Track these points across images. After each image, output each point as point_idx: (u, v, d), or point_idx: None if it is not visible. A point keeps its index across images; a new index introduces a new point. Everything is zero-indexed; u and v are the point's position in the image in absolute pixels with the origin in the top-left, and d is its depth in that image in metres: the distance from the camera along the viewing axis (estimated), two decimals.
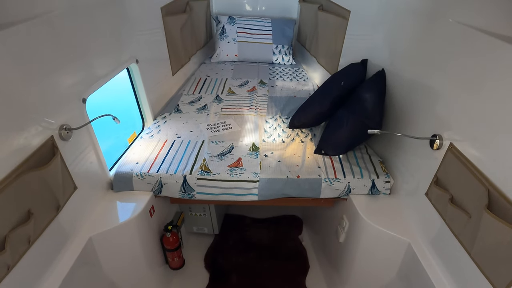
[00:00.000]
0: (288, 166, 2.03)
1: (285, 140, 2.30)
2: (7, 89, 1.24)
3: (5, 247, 1.21)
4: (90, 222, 1.77)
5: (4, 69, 1.23)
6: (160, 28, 2.61)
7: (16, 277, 1.30)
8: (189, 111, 2.63)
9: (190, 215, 2.61)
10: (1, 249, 1.20)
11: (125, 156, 2.12)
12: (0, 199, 1.20)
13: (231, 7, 3.91)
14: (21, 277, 1.33)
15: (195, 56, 3.46)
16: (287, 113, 2.61)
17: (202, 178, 1.94)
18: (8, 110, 1.25)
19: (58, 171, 1.49)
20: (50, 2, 1.47)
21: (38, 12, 1.39)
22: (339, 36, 2.70)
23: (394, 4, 2.02)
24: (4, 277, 1.24)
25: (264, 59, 3.63)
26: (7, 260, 1.23)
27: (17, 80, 1.29)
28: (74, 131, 1.63)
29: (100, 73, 1.86)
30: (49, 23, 1.45)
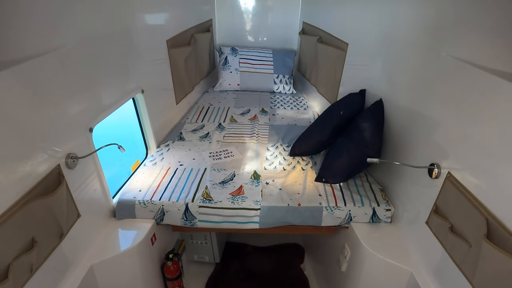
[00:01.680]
0: (289, 194, 2.05)
1: (286, 168, 2.33)
2: (17, 119, 1.29)
3: (8, 275, 1.22)
4: (92, 250, 1.77)
5: (15, 99, 1.28)
6: (165, 59, 2.71)
7: None
8: (192, 139, 2.68)
9: (191, 243, 2.60)
10: (3, 277, 1.21)
11: (128, 183, 2.15)
12: (6, 228, 1.22)
13: (234, 39, 4.07)
14: None
15: (199, 85, 3.56)
16: (288, 141, 2.66)
17: (204, 206, 1.96)
18: (18, 139, 1.30)
19: (63, 199, 1.52)
20: (64, 37, 1.55)
21: (52, 47, 1.47)
22: (338, 67, 2.79)
23: (390, 37, 2.11)
24: None
25: (266, 88, 3.73)
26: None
27: (27, 110, 1.34)
28: (80, 160, 1.67)
29: (107, 103, 1.92)
30: (61, 57, 1.53)
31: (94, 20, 1.77)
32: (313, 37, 3.33)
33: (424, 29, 1.76)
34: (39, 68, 1.40)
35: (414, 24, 1.85)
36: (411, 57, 1.86)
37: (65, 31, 1.56)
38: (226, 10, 4.02)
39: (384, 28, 2.18)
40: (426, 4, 1.77)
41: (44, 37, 1.45)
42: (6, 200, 1.24)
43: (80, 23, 1.65)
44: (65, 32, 1.56)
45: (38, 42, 1.42)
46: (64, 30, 1.56)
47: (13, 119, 1.28)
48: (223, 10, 4.01)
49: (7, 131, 1.25)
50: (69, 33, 1.58)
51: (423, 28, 1.77)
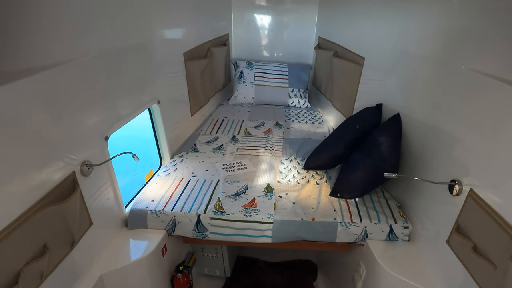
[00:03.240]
0: (303, 208, 2.00)
1: (300, 181, 2.29)
2: (35, 126, 1.31)
3: (18, 281, 1.21)
4: (102, 259, 1.76)
5: (34, 108, 1.30)
6: (181, 71, 2.75)
7: None
8: (206, 151, 2.68)
9: (202, 255, 2.56)
10: (13, 283, 1.20)
11: (141, 193, 2.15)
12: (18, 233, 1.22)
13: (250, 53, 4.12)
14: None
15: (214, 98, 3.59)
16: (302, 155, 2.63)
17: (216, 218, 1.93)
18: (35, 146, 1.32)
19: (77, 206, 1.52)
20: (84, 48, 1.59)
21: (72, 57, 1.51)
22: (354, 81, 2.77)
23: (406, 50, 2.08)
24: None
25: (280, 101, 3.72)
26: None
27: (45, 117, 1.36)
28: (94, 168, 1.68)
29: (123, 113, 1.94)
30: (80, 67, 1.56)
31: (113, 33, 1.81)
32: (329, 51, 3.33)
33: (442, 42, 1.73)
34: (58, 77, 1.43)
35: (431, 37, 1.83)
36: (429, 71, 1.83)
37: (85, 43, 1.60)
38: (242, 25, 4.08)
39: (400, 41, 2.16)
40: (443, 17, 1.75)
41: (65, 47, 1.49)
42: (20, 206, 1.24)
43: (100, 36, 1.69)
44: (85, 44, 1.60)
45: (58, 51, 1.46)
46: (85, 41, 1.60)
47: (31, 126, 1.30)
48: (239, 25, 4.07)
49: (25, 138, 1.27)
50: (89, 44, 1.62)
51: (441, 41, 1.74)
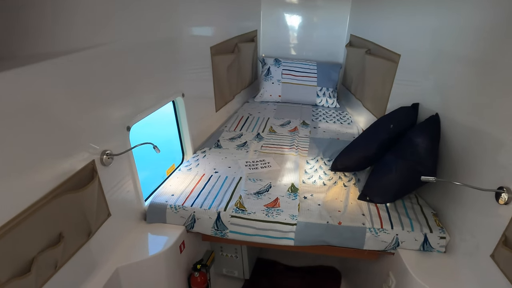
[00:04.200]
0: (329, 211, 1.88)
1: (326, 183, 2.16)
2: (57, 113, 1.29)
3: (31, 269, 1.18)
4: (119, 252, 1.72)
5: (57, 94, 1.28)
6: (208, 66, 2.70)
7: None
8: (229, 147, 2.61)
9: (220, 255, 2.49)
10: (26, 271, 1.17)
11: (162, 187, 2.10)
12: (34, 220, 1.19)
13: (278, 51, 4.03)
14: None
15: (239, 95, 3.52)
16: (330, 155, 2.50)
17: (237, 216, 1.85)
18: (55, 133, 1.29)
19: (94, 195, 1.48)
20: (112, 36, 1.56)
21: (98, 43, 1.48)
22: (387, 80, 2.61)
23: (448, 48, 1.92)
24: None
25: (308, 101, 3.60)
26: (31, 284, 1.19)
27: (68, 104, 1.34)
28: (115, 158, 1.64)
29: (147, 104, 1.91)
30: (106, 55, 1.53)
31: (142, 26, 1.80)
32: (361, 49, 3.18)
33: (486, 38, 1.56)
34: (83, 62, 1.40)
35: (474, 33, 1.66)
36: (471, 70, 1.66)
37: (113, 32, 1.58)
38: (271, 22, 4.00)
39: (439, 37, 2.00)
40: (488, 11, 1.58)
41: (91, 34, 1.46)
42: (36, 192, 1.21)
43: (128, 27, 1.68)
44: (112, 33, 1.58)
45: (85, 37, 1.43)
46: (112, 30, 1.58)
47: (52, 112, 1.27)
48: (268, 22, 3.99)
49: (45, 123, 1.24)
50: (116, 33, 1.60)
51: (485, 37, 1.57)
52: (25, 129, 1.16)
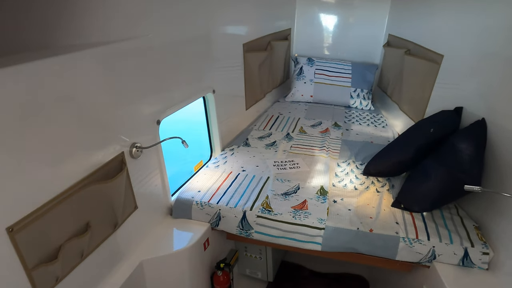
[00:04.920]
0: (360, 216, 1.78)
1: (358, 187, 2.06)
2: (91, 103, 1.30)
3: (58, 257, 1.19)
4: (144, 245, 1.72)
5: (91, 84, 1.29)
6: (239, 64, 2.67)
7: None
8: (258, 146, 2.57)
9: (245, 255, 2.45)
10: (53, 258, 1.18)
11: (189, 183, 2.09)
12: (62, 208, 1.20)
13: (311, 50, 3.93)
14: None
15: (270, 94, 3.47)
16: (362, 159, 2.39)
17: (263, 217, 1.80)
18: (87, 124, 1.30)
19: (122, 187, 1.48)
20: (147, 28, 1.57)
21: (135, 35, 1.49)
22: (428, 82, 2.46)
23: (496, 50, 1.76)
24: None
25: (341, 102, 3.49)
26: (57, 270, 1.21)
27: (100, 95, 1.35)
28: (144, 151, 1.65)
29: (177, 99, 1.91)
30: (142, 48, 1.54)
31: (177, 23, 1.81)
32: (400, 49, 3.03)
33: None
34: (119, 55, 1.41)
35: None
36: None
37: (149, 26, 1.60)
38: (306, 21, 3.91)
39: (487, 36, 1.84)
40: None
41: (129, 26, 1.48)
42: (66, 181, 1.23)
43: (164, 24, 1.70)
44: (149, 27, 1.60)
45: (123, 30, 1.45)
46: (149, 24, 1.60)
47: (86, 102, 1.28)
48: (303, 21, 3.91)
49: (78, 114, 1.26)
50: (153, 28, 1.62)
51: None
52: (61, 118, 1.18)
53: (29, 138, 1.08)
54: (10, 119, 1.01)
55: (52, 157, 1.17)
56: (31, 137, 1.08)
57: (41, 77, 1.09)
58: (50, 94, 1.13)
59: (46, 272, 1.17)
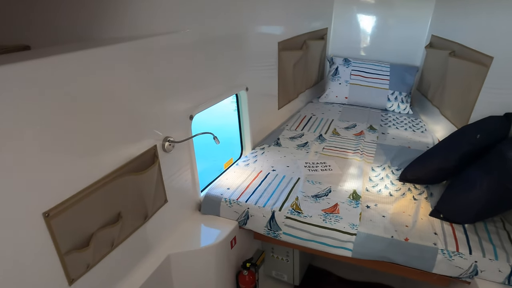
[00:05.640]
0: (394, 224, 1.69)
1: (393, 193, 1.96)
2: (126, 96, 1.32)
3: (90, 244, 1.21)
4: (172, 239, 1.73)
5: (124, 74, 1.31)
6: (273, 63, 2.64)
7: (91, 279, 1.28)
8: (289, 146, 2.52)
9: (271, 256, 2.41)
10: (85, 245, 1.20)
11: (218, 180, 2.09)
12: (96, 197, 1.22)
13: (348, 50, 3.82)
14: (96, 281, 1.32)
15: (303, 94, 3.41)
16: (398, 164, 2.28)
17: (292, 218, 1.75)
18: (123, 117, 1.33)
19: (154, 180, 1.50)
20: (181, 22, 1.58)
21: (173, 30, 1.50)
22: (474, 86, 2.30)
23: None
24: (82, 275, 1.23)
25: (377, 104, 3.36)
26: (88, 258, 1.23)
27: (136, 88, 1.37)
28: (176, 146, 1.66)
29: (211, 95, 1.91)
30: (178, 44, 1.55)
31: (213, 21, 1.82)
32: (444, 51, 2.87)
33: None
34: (156, 50, 1.43)
35: None
36: None
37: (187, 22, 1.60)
38: (343, 20, 3.81)
39: None
40: None
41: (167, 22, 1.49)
42: (100, 171, 1.25)
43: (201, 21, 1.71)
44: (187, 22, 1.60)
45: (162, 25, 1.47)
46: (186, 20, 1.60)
47: (121, 94, 1.30)
48: (340, 20, 3.81)
49: (117, 109, 1.28)
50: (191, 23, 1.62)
51: None
52: (99, 110, 1.21)
53: (69, 128, 1.11)
54: (55, 108, 1.05)
55: (89, 147, 1.19)
56: (72, 127, 1.11)
57: (84, 67, 1.12)
58: (90, 85, 1.16)
59: (78, 258, 1.19)
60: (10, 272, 1.00)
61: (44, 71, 1.01)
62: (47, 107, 1.03)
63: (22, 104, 0.96)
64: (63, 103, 1.07)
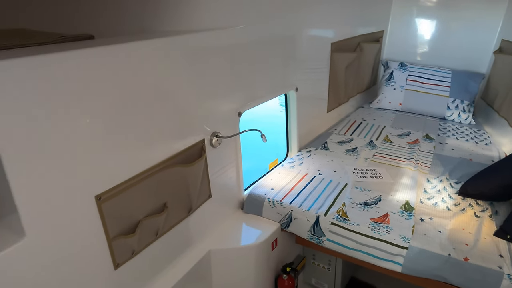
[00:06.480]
0: (452, 241, 1.54)
1: (451, 208, 1.80)
2: (174, 90, 1.35)
3: (136, 231, 1.24)
4: (214, 235, 1.72)
5: (175, 66, 1.32)
6: (325, 65, 2.57)
7: (135, 266, 1.31)
8: (337, 151, 2.43)
9: (312, 263, 2.32)
10: (131, 232, 1.23)
11: (263, 179, 2.06)
12: (145, 184, 1.25)
13: (404, 55, 3.62)
14: (140, 268, 1.34)
15: (354, 98, 3.28)
16: (458, 177, 2.09)
17: (337, 224, 1.67)
18: (174, 111, 1.35)
19: (200, 173, 1.50)
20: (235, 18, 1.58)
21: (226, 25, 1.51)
22: None
23: None
24: (126, 261, 1.26)
25: (435, 112, 3.13)
26: (134, 244, 1.25)
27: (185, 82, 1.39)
28: (223, 142, 1.65)
29: (260, 93, 1.90)
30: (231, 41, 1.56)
31: (266, 21, 1.82)
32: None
33: None
34: (209, 45, 1.44)
35: None
36: None
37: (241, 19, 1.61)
38: (401, 23, 3.62)
39: None
40: None
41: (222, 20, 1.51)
42: (150, 161, 1.27)
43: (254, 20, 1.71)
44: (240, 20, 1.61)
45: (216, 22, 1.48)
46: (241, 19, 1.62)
47: (174, 88, 1.32)
48: (398, 22, 3.62)
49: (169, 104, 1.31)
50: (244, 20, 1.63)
51: None
52: (152, 103, 1.24)
53: (124, 119, 1.14)
54: (115, 98, 1.08)
55: (142, 137, 1.23)
56: (127, 117, 1.15)
57: (141, 58, 1.15)
58: (147, 78, 1.19)
59: (124, 244, 1.22)
60: (63, 251, 1.04)
61: (105, 58, 1.04)
62: (108, 97, 1.06)
63: (86, 92, 1.00)
64: (122, 94, 1.11)
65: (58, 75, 0.93)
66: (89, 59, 1.00)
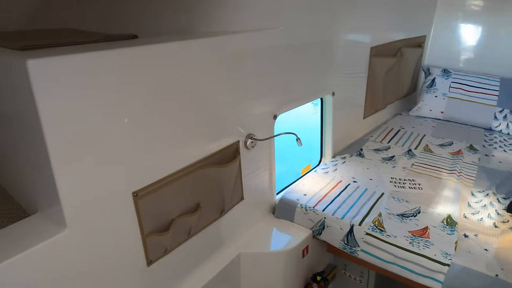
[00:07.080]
0: (500, 261, 1.43)
1: (498, 225, 1.67)
2: (214, 93, 1.35)
3: (169, 229, 1.24)
4: (244, 238, 1.71)
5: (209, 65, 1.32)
6: (363, 71, 2.49)
7: (167, 264, 1.32)
8: (373, 158, 2.34)
9: (343, 274, 2.24)
10: (165, 230, 1.24)
11: (295, 184, 2.02)
12: (180, 184, 1.26)
13: (447, 61, 3.44)
14: (171, 266, 1.35)
15: (392, 105, 3.16)
16: (506, 192, 1.94)
17: (372, 235, 1.60)
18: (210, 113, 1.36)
19: (233, 175, 1.50)
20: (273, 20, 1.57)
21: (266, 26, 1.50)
22: None
23: None
24: (159, 258, 1.27)
25: (480, 122, 2.95)
26: (167, 242, 1.26)
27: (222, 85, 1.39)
28: (257, 144, 1.64)
29: (296, 96, 1.87)
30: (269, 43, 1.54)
31: (304, 25, 1.80)
32: None
33: None
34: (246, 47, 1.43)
35: None
36: None
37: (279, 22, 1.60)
38: (445, 28, 3.45)
39: None
40: None
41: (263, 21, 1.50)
42: (185, 160, 1.28)
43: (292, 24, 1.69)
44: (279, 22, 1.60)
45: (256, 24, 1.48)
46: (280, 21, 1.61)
47: (210, 90, 1.33)
48: (441, 27, 3.46)
49: (205, 106, 1.31)
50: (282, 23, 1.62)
51: None
52: (188, 103, 1.25)
53: (162, 118, 1.16)
54: (154, 98, 1.10)
55: (178, 137, 1.24)
56: (164, 117, 1.16)
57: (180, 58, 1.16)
58: (184, 78, 1.20)
59: (158, 241, 1.23)
60: (100, 244, 1.07)
61: (149, 58, 1.06)
62: (148, 96, 1.08)
63: (128, 90, 1.03)
64: (161, 94, 1.12)
65: (105, 72, 0.96)
66: (135, 57, 1.03)
